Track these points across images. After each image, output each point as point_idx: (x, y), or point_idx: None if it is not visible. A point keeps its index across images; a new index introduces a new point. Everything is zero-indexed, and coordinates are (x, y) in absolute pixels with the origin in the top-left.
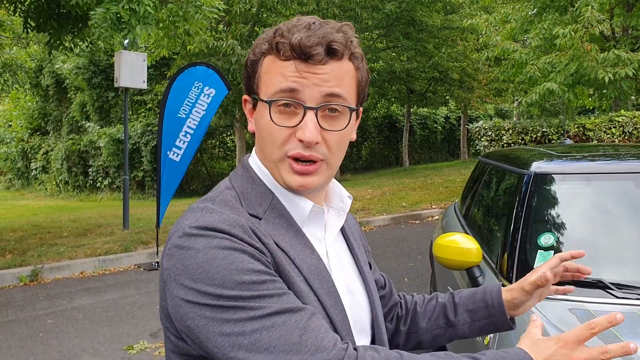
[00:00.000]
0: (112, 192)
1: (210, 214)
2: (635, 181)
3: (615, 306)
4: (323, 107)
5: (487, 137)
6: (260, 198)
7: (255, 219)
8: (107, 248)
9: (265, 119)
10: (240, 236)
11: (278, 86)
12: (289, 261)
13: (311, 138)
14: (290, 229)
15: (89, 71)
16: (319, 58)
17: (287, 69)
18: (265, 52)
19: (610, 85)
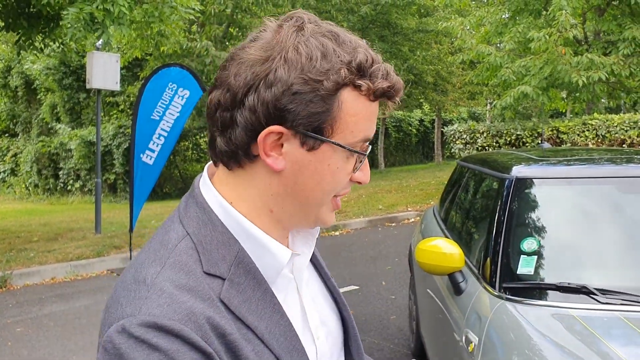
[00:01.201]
0: (83, 195)
1: (158, 298)
2: (617, 185)
3: (599, 312)
4: None
5: (462, 140)
6: (222, 249)
7: (217, 281)
8: (79, 253)
9: (334, 165)
10: (191, 340)
11: (365, 134)
12: (257, 341)
13: (368, 181)
14: (257, 290)
15: (60, 72)
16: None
17: (372, 113)
18: (344, 85)
19: (584, 88)
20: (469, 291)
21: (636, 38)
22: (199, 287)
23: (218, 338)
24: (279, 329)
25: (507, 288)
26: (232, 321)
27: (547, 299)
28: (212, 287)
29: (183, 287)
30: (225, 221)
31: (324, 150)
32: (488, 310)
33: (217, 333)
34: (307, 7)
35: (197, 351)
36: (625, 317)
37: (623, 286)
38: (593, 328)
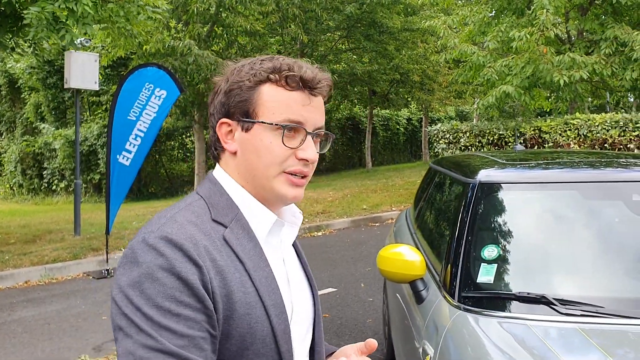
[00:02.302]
0: (68, 195)
1: (172, 224)
2: (581, 190)
3: (558, 323)
4: (317, 134)
5: (445, 140)
6: (227, 209)
7: (220, 227)
8: (55, 255)
9: (266, 140)
10: (189, 254)
11: (288, 115)
12: (244, 272)
13: (313, 157)
14: (250, 241)
15: (44, 71)
16: (318, 90)
17: (294, 100)
18: (264, 81)
19: (566, 88)
20: (430, 299)
21: (618, 37)
22: (204, 226)
23: (210, 261)
24: (263, 272)
25: (466, 297)
26: (228, 254)
27: (506, 310)
28: (216, 230)
29: (192, 223)
30: (229, 191)
31: (256, 129)
32: (446, 320)
33: (210, 257)
34: (292, 5)
35: (192, 263)
36: (582, 328)
37: (584, 296)
38: (549, 341)
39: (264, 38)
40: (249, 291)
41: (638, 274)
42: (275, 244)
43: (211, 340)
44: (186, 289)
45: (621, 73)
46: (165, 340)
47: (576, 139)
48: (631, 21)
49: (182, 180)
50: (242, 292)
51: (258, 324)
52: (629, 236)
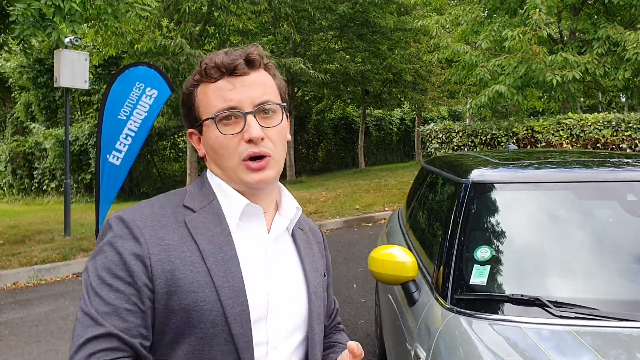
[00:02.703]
0: (59, 195)
1: (135, 207)
2: (575, 191)
3: (552, 326)
4: (258, 111)
5: (438, 140)
6: (203, 197)
7: (188, 211)
8: (45, 256)
9: (213, 135)
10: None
11: (218, 106)
12: (197, 253)
13: (257, 134)
14: (218, 226)
15: (34, 70)
16: (242, 68)
17: (221, 88)
18: (197, 82)
19: (559, 87)
20: (422, 302)
21: (611, 37)
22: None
23: (157, 238)
24: (223, 255)
25: (459, 300)
26: (182, 235)
27: (499, 312)
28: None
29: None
30: (212, 183)
31: (205, 130)
32: (439, 323)
33: (157, 235)
34: (285, 5)
35: (133, 239)
36: (576, 331)
37: (578, 298)
38: (542, 343)
39: (257, 37)
40: (199, 270)
41: (633, 275)
42: (259, 232)
43: (139, 314)
44: (121, 262)
45: (614, 73)
46: (94, 304)
47: (569, 139)
48: (623, 21)
49: (174, 180)
50: (190, 270)
51: (206, 304)
52: (624, 237)
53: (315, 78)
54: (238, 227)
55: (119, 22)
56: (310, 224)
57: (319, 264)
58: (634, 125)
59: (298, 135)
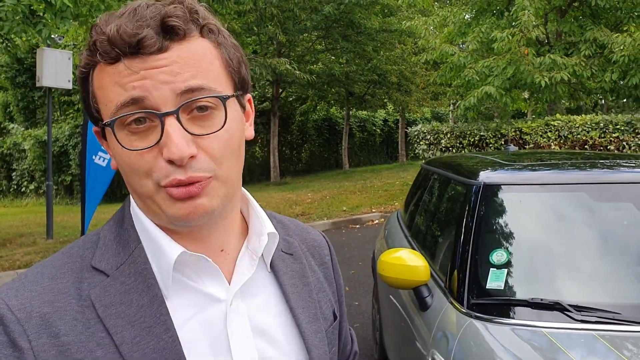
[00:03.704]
0: (38, 197)
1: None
2: (589, 192)
3: (574, 330)
4: (184, 108)
5: (426, 141)
6: (120, 247)
7: (99, 277)
8: (27, 260)
9: (117, 148)
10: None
11: (117, 101)
12: (113, 349)
13: (181, 153)
14: (145, 295)
15: (13, 69)
16: (151, 43)
17: (119, 74)
18: (90, 63)
19: (546, 89)
20: (435, 307)
21: (597, 39)
22: (62, 281)
23: (48, 336)
24: (154, 343)
25: (475, 304)
26: (88, 323)
27: (518, 317)
28: (92, 282)
29: (46, 277)
30: (134, 217)
31: (108, 135)
32: (455, 329)
33: (49, 331)
34: (270, 5)
35: (10, 344)
36: (600, 335)
37: (599, 302)
38: (567, 349)
39: (241, 37)
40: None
41: None
42: (215, 291)
43: None
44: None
45: (600, 75)
46: None
47: (557, 140)
48: (608, 23)
49: None
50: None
51: None
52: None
53: (301, 79)
54: (176, 287)
55: None
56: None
57: (324, 304)
58: (621, 127)
59: (282, 136)
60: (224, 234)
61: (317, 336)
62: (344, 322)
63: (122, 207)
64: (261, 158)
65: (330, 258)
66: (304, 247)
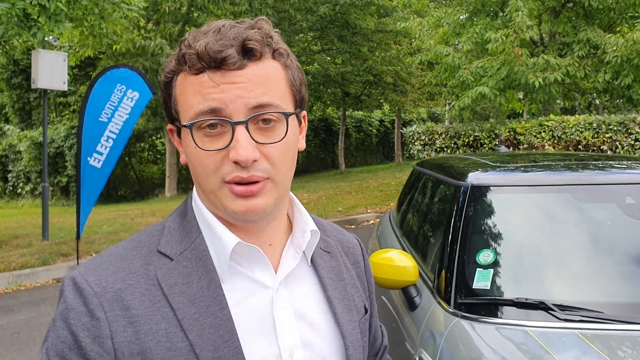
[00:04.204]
0: (34, 198)
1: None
2: (574, 193)
3: (558, 329)
4: (253, 119)
5: (421, 141)
6: (183, 236)
7: (164, 260)
8: (23, 261)
9: (190, 146)
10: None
11: (197, 107)
12: (175, 322)
13: (247, 157)
14: (204, 277)
15: (8, 71)
16: (233, 62)
17: (202, 84)
18: (176, 70)
19: (540, 89)
20: (423, 306)
21: (590, 40)
22: (133, 262)
23: (120, 309)
24: (211, 319)
25: (462, 304)
26: (154, 299)
27: (504, 316)
28: (158, 264)
29: (118, 258)
30: (195, 210)
31: (183, 135)
32: (442, 328)
33: (121, 305)
34: (265, 6)
35: (88, 314)
36: (583, 334)
37: (583, 301)
38: (550, 347)
39: None
40: (179, 347)
41: (635, 278)
42: (263, 278)
43: None
44: (75, 346)
45: (594, 75)
46: None
47: (550, 141)
48: (602, 24)
49: (153, 182)
50: (167, 347)
51: None
52: (625, 239)
53: None
54: (231, 273)
55: (105, 22)
56: (343, 237)
57: (357, 298)
58: (614, 127)
59: None
60: (272, 231)
61: (351, 325)
62: (374, 316)
63: (185, 202)
64: None
65: (363, 259)
66: (339, 247)
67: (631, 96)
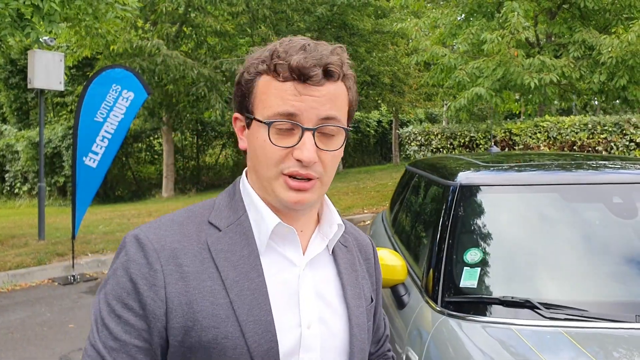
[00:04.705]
0: (31, 198)
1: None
2: (562, 193)
3: (543, 328)
4: (320, 129)
5: (417, 142)
6: (231, 212)
7: (213, 230)
8: (19, 261)
9: (261, 138)
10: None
11: (277, 109)
12: (219, 281)
13: (310, 158)
14: (245, 248)
15: (6, 71)
16: (317, 79)
17: (285, 91)
18: (262, 72)
19: (535, 90)
20: (411, 305)
21: (586, 41)
22: (187, 228)
23: (175, 265)
24: (249, 284)
25: (449, 302)
26: (203, 260)
27: (490, 314)
28: (206, 232)
29: (175, 223)
30: (243, 192)
31: (253, 126)
32: (429, 326)
33: (176, 261)
34: (262, 6)
35: (147, 265)
36: (567, 332)
37: (568, 300)
38: (534, 345)
39: (234, 39)
40: (220, 302)
41: (621, 277)
42: (293, 257)
43: (150, 351)
44: (133, 291)
45: (589, 76)
46: (102, 337)
47: (546, 141)
48: (597, 25)
49: (150, 183)
50: (210, 302)
51: (228, 340)
52: (611, 239)
53: None
54: (268, 248)
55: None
56: (359, 236)
57: (365, 288)
58: (609, 128)
59: None
60: (306, 220)
61: (359, 310)
62: (379, 306)
63: (234, 184)
64: None
65: (373, 257)
66: (355, 243)
67: (626, 97)
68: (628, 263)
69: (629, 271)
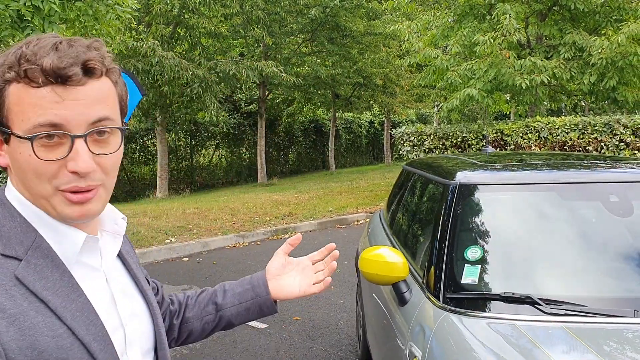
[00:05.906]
0: None
1: None
2: (559, 191)
3: (544, 323)
4: (91, 132)
5: (410, 142)
6: (20, 236)
7: (12, 262)
8: None
9: (25, 154)
10: None
11: (37, 120)
12: (49, 313)
13: (87, 168)
14: (55, 271)
15: None
16: (77, 79)
17: (43, 98)
18: (10, 80)
19: (527, 91)
20: (413, 301)
21: (576, 42)
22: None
23: None
24: (75, 305)
25: (451, 299)
26: (23, 296)
27: (491, 310)
28: (7, 266)
29: None
30: (24, 213)
31: (13, 142)
32: (432, 322)
33: None
34: (256, 8)
35: None
36: (568, 327)
37: (568, 295)
38: (536, 340)
39: (228, 40)
40: (60, 333)
41: (619, 273)
42: (94, 263)
43: None
44: None
45: (579, 77)
46: None
47: (537, 142)
48: (587, 27)
49: (144, 183)
50: (50, 336)
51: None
52: (609, 236)
53: (288, 81)
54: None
55: (99, 23)
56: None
57: (144, 272)
58: (599, 128)
59: (269, 138)
60: (92, 223)
61: (149, 292)
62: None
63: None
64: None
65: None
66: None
67: (616, 98)
68: (625, 260)
69: (627, 268)
